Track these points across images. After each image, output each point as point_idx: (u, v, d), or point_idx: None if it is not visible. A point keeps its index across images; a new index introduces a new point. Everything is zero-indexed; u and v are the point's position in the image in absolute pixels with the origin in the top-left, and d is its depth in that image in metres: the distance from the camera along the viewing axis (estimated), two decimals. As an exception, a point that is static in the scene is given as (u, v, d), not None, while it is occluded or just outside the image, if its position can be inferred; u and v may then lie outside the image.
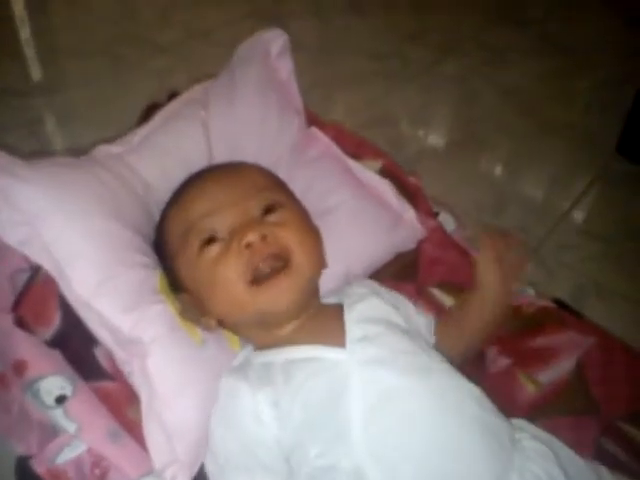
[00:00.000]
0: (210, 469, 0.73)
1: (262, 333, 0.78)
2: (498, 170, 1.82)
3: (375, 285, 0.87)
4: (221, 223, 0.76)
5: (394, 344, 0.74)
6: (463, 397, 0.71)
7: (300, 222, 0.80)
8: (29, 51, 2.01)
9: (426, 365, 0.73)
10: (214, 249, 0.75)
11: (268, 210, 0.78)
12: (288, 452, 0.69)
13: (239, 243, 0.73)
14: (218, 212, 0.76)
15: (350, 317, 0.77)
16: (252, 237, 0.73)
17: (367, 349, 0.72)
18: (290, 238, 0.75)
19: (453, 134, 1.97)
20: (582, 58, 2.18)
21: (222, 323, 0.79)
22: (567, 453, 0.72)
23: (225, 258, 0.73)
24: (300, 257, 0.75)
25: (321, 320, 0.78)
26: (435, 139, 1.95)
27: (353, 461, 0.65)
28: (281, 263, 0.74)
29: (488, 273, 0.79)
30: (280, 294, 0.73)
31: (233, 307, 0.75)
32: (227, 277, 0.73)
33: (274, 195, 0.80)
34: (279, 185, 0.86)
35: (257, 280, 0.73)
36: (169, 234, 0.81)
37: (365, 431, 0.66)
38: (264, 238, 0.73)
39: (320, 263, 0.81)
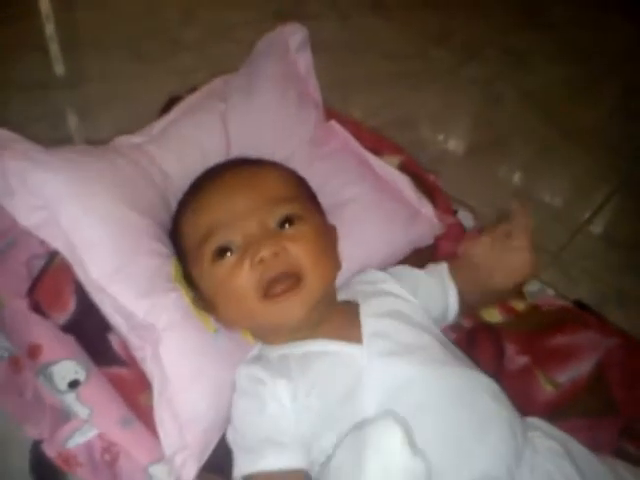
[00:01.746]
0: (238, 455, 0.73)
1: (274, 337, 0.79)
2: (519, 175, 1.80)
3: (383, 275, 0.86)
4: (237, 233, 0.75)
5: (409, 337, 0.75)
6: (477, 390, 0.71)
7: (315, 236, 0.78)
8: (53, 46, 2.03)
9: (441, 358, 0.74)
10: (228, 261, 0.74)
11: (284, 222, 0.77)
12: (307, 443, 0.70)
13: (253, 258, 0.73)
14: (234, 222, 0.75)
15: (366, 312, 0.77)
16: (265, 253, 0.72)
17: (383, 343, 0.73)
18: (303, 256, 0.74)
19: (474, 138, 1.95)
20: (606, 64, 2.15)
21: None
22: (582, 452, 0.71)
23: (238, 271, 0.73)
24: (312, 275, 0.74)
25: (337, 317, 0.78)
26: (456, 142, 1.94)
27: None
28: (293, 279, 0.73)
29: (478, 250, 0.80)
30: (291, 309, 0.73)
31: (244, 317, 0.76)
32: (239, 290, 0.73)
33: (292, 206, 0.78)
34: (298, 192, 0.83)
35: (269, 294, 0.73)
36: (184, 237, 0.81)
37: None
38: (277, 255, 0.73)
39: (333, 275, 0.80)
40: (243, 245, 0.74)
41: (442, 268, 0.86)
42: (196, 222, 0.79)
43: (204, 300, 0.78)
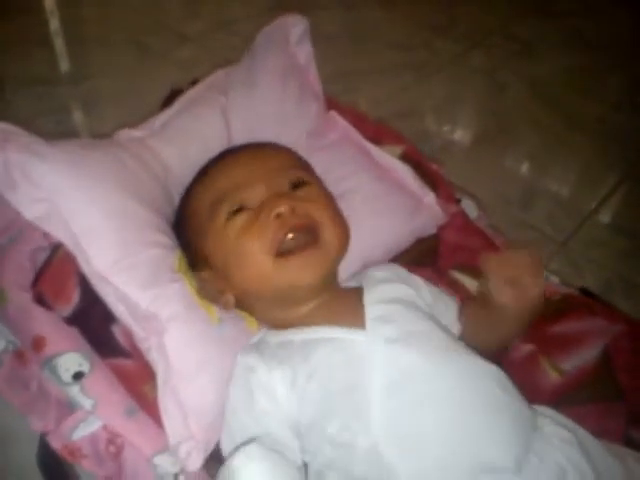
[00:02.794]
0: (226, 449, 0.73)
1: (279, 312, 0.78)
2: (525, 164, 1.79)
3: (396, 268, 0.86)
4: (251, 194, 0.76)
5: (414, 324, 0.73)
6: (483, 378, 0.70)
7: (329, 201, 0.81)
8: (58, 41, 2.03)
9: (446, 345, 0.72)
10: (242, 218, 0.75)
11: (296, 185, 0.78)
12: (304, 431, 0.69)
13: (269, 213, 0.73)
14: (249, 184, 0.77)
15: (370, 298, 0.76)
16: (282, 208, 0.73)
17: (387, 328, 0.72)
18: (319, 214, 0.76)
19: (480, 127, 1.94)
20: (613, 53, 2.14)
21: (240, 302, 0.79)
22: (592, 441, 0.70)
23: (253, 227, 0.74)
24: (329, 232, 0.76)
25: (340, 302, 0.78)
26: (461, 132, 1.93)
27: (370, 439, 0.65)
28: (309, 236, 0.74)
29: (500, 295, 0.74)
30: (306, 268, 0.73)
31: (257, 279, 0.75)
32: (253, 246, 0.73)
33: (303, 173, 0.81)
34: (309, 168, 0.87)
35: (283, 252, 0.73)
36: (197, 205, 0.81)
37: (383, 410, 0.66)
38: (293, 210, 0.74)
39: (347, 243, 0.80)
40: (258, 204, 0.75)
41: (453, 302, 0.86)
42: (211, 187, 0.80)
43: (212, 279, 0.78)
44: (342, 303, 0.77)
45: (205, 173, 0.85)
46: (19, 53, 1.89)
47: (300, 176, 0.80)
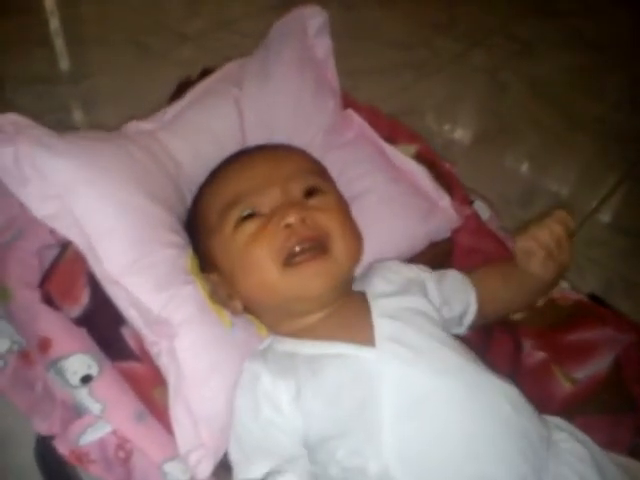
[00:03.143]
0: (234, 457, 0.71)
1: (286, 322, 0.76)
2: (525, 164, 1.79)
3: (398, 266, 0.84)
4: (264, 200, 0.75)
5: (423, 341, 0.71)
6: (496, 398, 0.68)
7: (341, 211, 0.79)
8: (58, 41, 2.03)
9: (458, 364, 0.70)
10: (252, 225, 0.73)
11: (310, 193, 0.77)
12: (312, 446, 0.68)
13: (278, 222, 0.72)
14: (261, 190, 0.75)
15: (376, 312, 0.74)
16: (292, 218, 0.71)
17: (397, 348, 0.69)
18: (331, 225, 0.74)
19: (480, 126, 1.94)
20: (613, 53, 2.14)
21: (247, 308, 0.78)
22: (607, 460, 0.69)
23: (262, 235, 0.72)
24: (339, 245, 0.74)
25: (347, 312, 0.75)
26: (462, 131, 1.93)
27: (382, 464, 0.64)
28: (318, 247, 0.72)
29: (529, 265, 0.75)
30: (313, 278, 0.72)
31: (263, 289, 0.73)
32: (260, 255, 0.72)
33: (317, 180, 0.79)
34: (324, 173, 0.85)
35: (291, 262, 0.71)
36: (208, 208, 0.79)
37: (395, 434, 0.64)
38: (304, 221, 0.72)
39: (359, 254, 0.79)
40: (269, 212, 0.73)
41: (464, 276, 0.84)
42: (222, 190, 0.78)
43: (220, 283, 0.76)
44: (350, 314, 0.75)
45: (218, 174, 0.82)
46: (19, 52, 1.88)
47: (315, 183, 0.78)
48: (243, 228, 0.74)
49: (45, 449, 0.73)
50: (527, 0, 2.42)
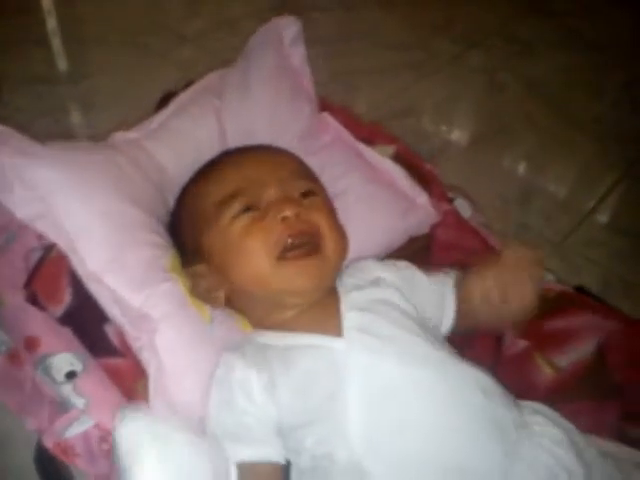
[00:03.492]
0: None
1: (264, 313, 0.78)
2: (523, 164, 1.80)
3: (372, 263, 0.86)
4: (261, 196, 0.77)
5: (392, 332, 0.73)
6: (466, 385, 0.69)
7: (331, 211, 0.83)
8: (55, 41, 2.03)
9: (427, 353, 0.72)
10: (248, 217, 0.76)
11: (305, 195, 0.80)
12: (284, 435, 0.69)
13: (275, 215, 0.74)
14: (263, 184, 0.78)
15: (346, 305, 0.76)
16: (289, 212, 0.74)
17: (365, 338, 0.72)
18: (323, 222, 0.78)
19: (478, 127, 1.95)
20: (611, 53, 2.14)
21: (229, 300, 0.80)
22: (584, 440, 0.70)
23: (258, 227, 0.75)
24: (330, 242, 0.77)
25: (319, 306, 0.77)
26: (459, 132, 1.93)
27: (350, 452, 0.65)
28: (312, 243, 0.75)
29: (493, 299, 0.76)
30: (303, 274, 0.75)
31: (254, 278, 0.76)
32: (256, 246, 0.74)
33: (311, 184, 0.83)
34: (317, 179, 0.88)
35: (284, 255, 0.74)
36: (203, 201, 0.81)
37: (363, 423, 0.66)
38: (298, 215, 0.75)
39: (346, 254, 0.82)
40: (265, 206, 0.76)
41: (448, 279, 0.85)
42: (222, 181, 0.81)
43: (206, 274, 0.78)
44: (321, 309, 0.77)
45: (213, 169, 0.85)
46: (17, 52, 1.89)
47: (310, 187, 0.81)
48: (240, 220, 0.76)
49: (43, 452, 0.75)
50: (525, 1, 2.42)
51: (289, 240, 0.74)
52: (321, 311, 0.77)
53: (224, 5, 2.23)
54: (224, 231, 0.77)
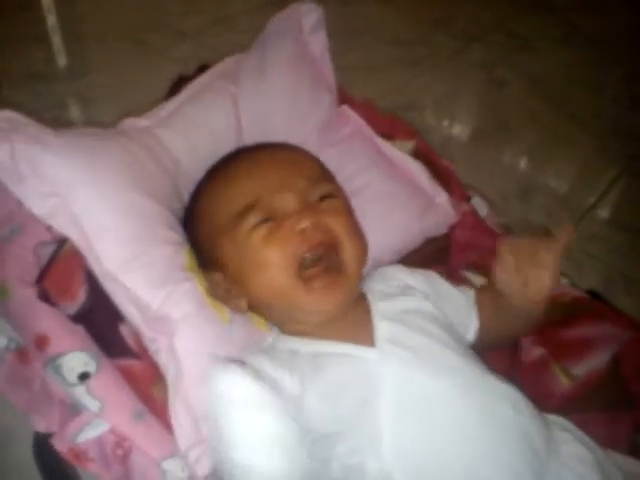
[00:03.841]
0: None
1: (290, 321, 0.76)
2: (524, 159, 1.80)
3: (402, 270, 0.84)
4: (279, 205, 0.74)
5: (423, 343, 0.71)
6: (496, 399, 0.68)
7: (350, 215, 0.80)
8: (55, 38, 2.03)
9: (458, 365, 0.70)
10: (265, 227, 0.73)
11: (323, 197, 0.77)
12: (313, 441, 0.67)
13: (293, 227, 0.72)
14: (278, 194, 0.74)
15: (377, 315, 0.74)
16: (306, 223, 0.72)
17: (397, 350, 0.70)
18: (341, 229, 0.75)
19: (479, 122, 1.95)
20: (612, 49, 2.14)
21: (252, 306, 0.77)
22: (609, 462, 0.69)
23: (275, 238, 0.72)
24: (349, 251, 0.74)
25: (349, 314, 0.75)
26: (460, 127, 1.93)
27: (381, 463, 0.64)
28: (331, 256, 0.73)
29: (505, 285, 0.75)
30: (328, 297, 0.72)
31: (272, 291, 0.73)
32: (274, 259, 0.72)
33: (330, 186, 0.80)
34: (334, 178, 0.85)
35: (304, 274, 0.71)
36: (218, 209, 0.78)
37: (394, 434, 0.65)
38: (316, 224, 0.72)
39: (365, 260, 0.79)
40: (283, 215, 0.73)
41: (469, 292, 0.84)
42: (234, 192, 0.77)
43: (223, 283, 0.76)
44: (352, 317, 0.75)
45: (224, 173, 0.81)
46: (17, 49, 1.88)
47: (329, 190, 0.78)
48: (257, 231, 0.73)
49: (43, 447, 0.72)
50: (524, -4, 2.42)
51: (308, 255, 0.72)
52: (351, 318, 0.75)
53: (223, 2, 2.23)
54: (241, 242, 0.74)
